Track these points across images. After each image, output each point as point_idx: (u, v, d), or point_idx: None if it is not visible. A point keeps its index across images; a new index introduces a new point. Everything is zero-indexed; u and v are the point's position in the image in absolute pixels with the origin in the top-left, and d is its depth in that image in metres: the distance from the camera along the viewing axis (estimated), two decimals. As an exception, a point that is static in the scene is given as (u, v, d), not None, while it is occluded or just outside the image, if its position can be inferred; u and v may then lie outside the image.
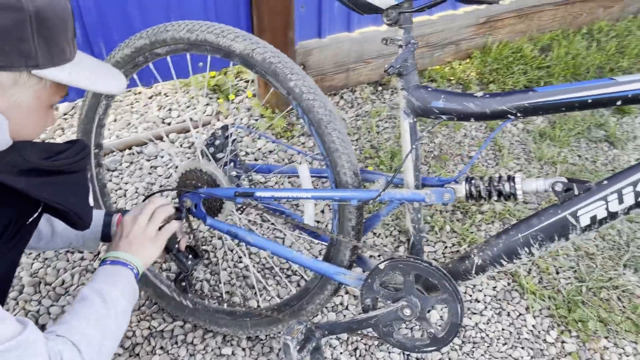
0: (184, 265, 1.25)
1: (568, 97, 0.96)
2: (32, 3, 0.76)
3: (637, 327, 1.56)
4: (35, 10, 0.77)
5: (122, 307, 0.94)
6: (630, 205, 0.97)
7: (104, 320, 0.90)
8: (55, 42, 0.80)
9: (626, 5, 2.86)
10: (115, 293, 0.94)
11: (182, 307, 1.50)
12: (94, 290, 0.93)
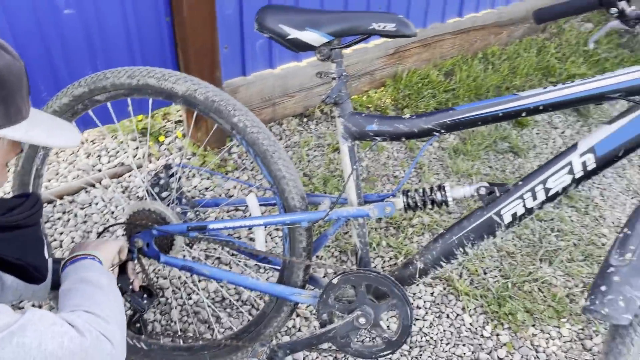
0: (140, 304, 1.26)
1: (482, 112, 1.11)
2: None
3: (558, 313, 1.75)
4: None
5: (105, 282, 0.95)
6: (542, 200, 1.12)
7: (98, 294, 0.91)
8: (13, 102, 0.82)
9: (512, 31, 3.22)
10: (92, 274, 0.96)
11: (137, 350, 1.49)
12: (72, 282, 0.94)
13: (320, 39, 1.13)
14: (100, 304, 0.89)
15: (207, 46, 1.95)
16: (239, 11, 2.03)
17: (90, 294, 0.91)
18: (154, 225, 1.29)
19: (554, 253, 1.96)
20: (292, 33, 1.12)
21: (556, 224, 2.08)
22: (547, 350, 1.64)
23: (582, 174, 1.09)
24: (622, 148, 1.06)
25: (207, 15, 1.88)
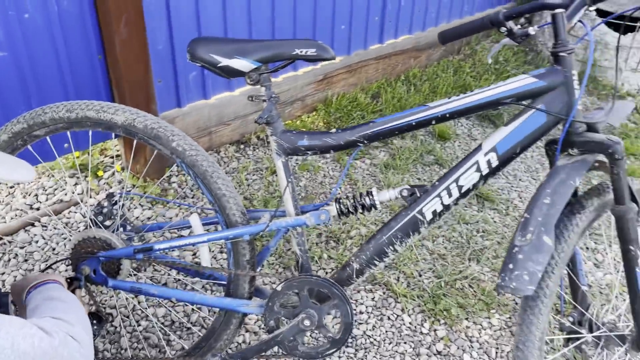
0: (90, 330, 1.30)
1: (398, 123, 1.25)
2: None
3: (487, 305, 1.90)
4: None
5: (70, 298, 1.01)
6: (457, 197, 1.27)
7: (63, 306, 0.97)
8: None
9: (430, 55, 3.48)
10: (56, 293, 1.01)
11: (89, 379, 1.50)
12: (38, 301, 0.99)
13: (249, 65, 1.24)
14: (65, 312, 0.95)
15: (141, 81, 2.01)
16: (170, 46, 2.12)
17: (55, 306, 0.96)
18: (100, 252, 1.34)
19: (480, 252, 2.13)
20: (222, 61, 1.23)
21: (481, 226, 2.26)
22: (480, 340, 1.79)
23: (488, 170, 1.25)
24: (519, 146, 1.24)
25: (140, 51, 1.96)
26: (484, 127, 3.03)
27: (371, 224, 2.20)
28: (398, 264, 2.02)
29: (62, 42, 1.82)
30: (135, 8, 1.87)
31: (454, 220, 2.27)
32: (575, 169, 1.18)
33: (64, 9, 1.78)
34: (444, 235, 2.20)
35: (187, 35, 2.13)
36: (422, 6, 3.26)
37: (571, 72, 1.20)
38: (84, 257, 1.34)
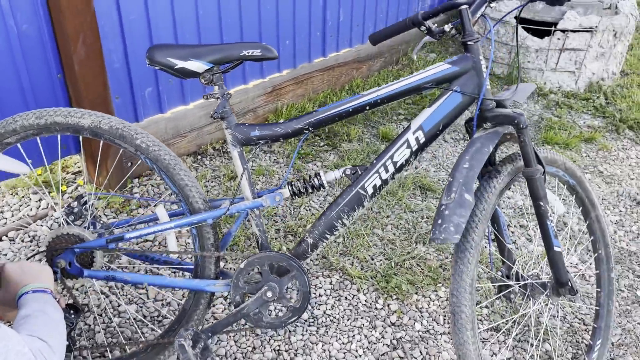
0: (69, 320, 1.40)
1: (338, 110, 1.44)
2: None
3: (433, 280, 2.10)
4: None
5: (58, 317, 1.10)
6: (392, 172, 1.46)
7: (51, 326, 1.06)
8: None
9: (370, 66, 3.72)
10: (49, 308, 1.11)
11: (67, 372, 1.59)
12: (32, 309, 1.08)
13: (202, 67, 1.40)
14: (52, 335, 1.03)
15: (100, 98, 2.14)
16: (126, 64, 2.25)
17: (45, 323, 1.05)
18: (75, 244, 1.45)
19: (426, 235, 2.33)
20: (178, 63, 1.38)
21: (425, 213, 2.47)
22: (429, 310, 1.97)
23: (417, 147, 1.45)
24: (441, 123, 1.44)
25: (97, 70, 2.09)
26: (424, 128, 3.27)
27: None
28: (352, 251, 2.20)
29: (23, 63, 1.93)
30: (92, 29, 2.00)
31: (401, 210, 2.47)
32: (488, 139, 1.39)
33: (24, 32, 1.90)
34: (392, 223, 2.39)
35: (141, 54, 2.27)
36: (359, 21, 3.51)
37: (479, 57, 1.42)
38: (60, 250, 1.45)
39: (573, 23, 3.52)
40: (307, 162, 2.80)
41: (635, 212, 2.68)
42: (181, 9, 2.37)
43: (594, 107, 3.67)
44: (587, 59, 3.65)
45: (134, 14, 2.20)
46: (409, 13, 3.99)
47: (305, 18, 3.06)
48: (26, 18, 1.89)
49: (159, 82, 2.41)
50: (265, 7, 2.78)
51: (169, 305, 1.89)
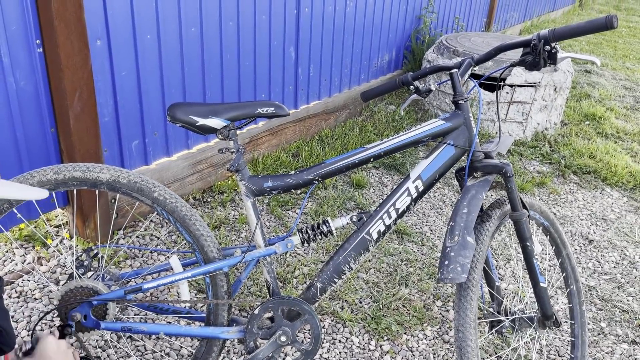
0: (84, 373, 1.41)
1: (344, 162, 1.57)
2: None
3: (419, 319, 2.21)
4: None
5: None
6: (395, 218, 1.59)
7: None
8: None
9: (337, 117, 3.92)
10: None
11: None
12: None
13: (221, 123, 1.50)
14: None
15: (91, 151, 2.17)
16: (115, 117, 2.31)
17: None
18: (93, 297, 1.47)
19: (407, 277, 2.46)
20: (199, 121, 1.48)
21: (404, 256, 2.61)
22: (419, 349, 2.07)
23: (417, 194, 1.59)
24: (437, 173, 1.59)
25: (91, 123, 2.13)
26: (391, 175, 3.46)
27: (311, 263, 2.46)
28: (340, 295, 2.28)
29: (19, 117, 1.96)
30: (88, 85, 2.06)
31: (381, 254, 2.60)
32: (481, 186, 1.56)
33: (22, 88, 1.93)
34: (374, 267, 2.51)
35: (130, 107, 2.34)
36: (327, 76, 3.71)
37: (469, 114, 1.60)
38: (75, 303, 1.46)
39: (519, 78, 3.88)
40: (286, 209, 2.90)
41: (588, 250, 2.92)
42: (169, 66, 2.46)
43: (541, 154, 4.00)
44: (533, 110, 4.01)
45: (125, 70, 2.27)
46: (370, 69, 4.25)
47: (279, 73, 3.23)
48: (24, 75, 1.93)
49: (145, 135, 2.47)
50: (244, 63, 2.92)
51: (168, 355, 1.90)
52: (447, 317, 2.25)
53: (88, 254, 1.61)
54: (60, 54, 1.91)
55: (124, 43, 2.22)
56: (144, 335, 1.95)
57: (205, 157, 2.81)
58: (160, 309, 1.67)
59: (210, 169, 2.87)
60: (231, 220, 2.72)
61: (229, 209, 2.82)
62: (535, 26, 8.78)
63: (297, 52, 3.33)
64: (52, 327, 1.91)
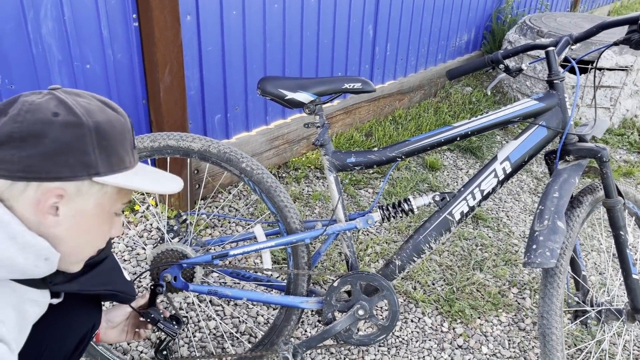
0: (172, 329, 1.48)
1: (430, 141, 1.55)
2: (91, 119, 0.86)
3: (494, 305, 2.17)
4: (94, 125, 0.86)
5: None
6: (479, 199, 1.56)
7: None
8: (114, 152, 0.89)
9: (411, 97, 3.86)
10: None
11: (160, 383, 1.67)
12: None
13: (308, 98, 1.52)
14: None
15: (178, 123, 2.26)
16: (201, 91, 2.39)
17: None
18: (183, 260, 1.55)
19: (482, 262, 2.41)
20: (288, 94, 1.50)
21: (478, 241, 2.56)
22: (493, 334, 2.04)
23: (503, 176, 1.55)
24: (527, 155, 1.54)
25: (179, 97, 2.22)
26: (466, 158, 3.38)
27: (383, 242, 2.46)
28: (413, 275, 2.28)
29: (115, 89, 2.06)
30: (177, 59, 2.14)
31: (455, 237, 2.56)
32: (574, 170, 1.49)
33: (118, 60, 2.04)
34: (448, 250, 2.47)
35: (214, 82, 2.41)
36: (404, 55, 3.66)
37: (564, 94, 1.53)
38: (167, 265, 1.54)
39: (609, 62, 3.65)
40: (359, 188, 2.90)
41: (679, 246, 2.75)
42: (251, 42, 2.51)
43: (628, 143, 3.77)
44: (622, 96, 3.77)
45: (211, 45, 2.34)
46: (447, 49, 4.14)
47: (356, 52, 3.21)
48: (121, 48, 2.03)
49: (227, 109, 2.54)
50: (323, 41, 2.93)
51: (245, 322, 1.97)
52: (524, 304, 2.19)
53: (177, 219, 1.69)
54: (154, 27, 1.99)
55: (211, 18, 2.28)
56: (223, 301, 2.04)
57: (282, 134, 2.86)
58: (242, 276, 1.73)
59: (286, 145, 2.92)
60: (305, 197, 2.76)
61: (303, 185, 2.86)
62: (625, 7, 8.23)
63: (375, 31, 3.30)
64: (143, 291, 2.03)
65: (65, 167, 0.83)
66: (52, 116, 0.82)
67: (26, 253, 0.83)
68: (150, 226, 2.35)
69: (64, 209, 0.86)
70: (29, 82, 1.80)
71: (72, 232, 0.89)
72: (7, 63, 1.72)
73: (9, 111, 0.82)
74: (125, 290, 1.19)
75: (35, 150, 0.81)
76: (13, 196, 0.83)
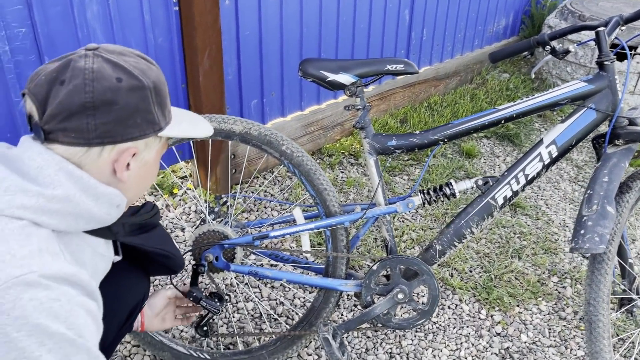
0: (214, 306, 1.51)
1: (473, 123, 1.52)
2: (148, 79, 0.91)
3: (534, 294, 2.13)
4: (152, 84, 0.91)
5: None
6: (523, 184, 1.52)
7: None
8: (165, 105, 0.97)
9: (447, 84, 3.80)
10: None
11: (200, 361, 1.70)
12: None
13: (350, 80, 1.51)
14: None
15: (216, 107, 2.28)
16: (238, 76, 2.40)
17: None
18: (224, 240, 1.56)
19: (520, 250, 2.37)
20: (330, 76, 1.49)
21: (517, 229, 2.51)
22: (533, 322, 2.01)
23: (549, 160, 1.51)
24: (574, 138, 1.50)
25: (217, 81, 2.23)
26: (503, 145, 3.31)
27: (419, 229, 2.44)
28: (450, 262, 2.25)
29: (155, 73, 2.09)
30: (217, 44, 2.15)
31: (493, 225, 2.52)
32: (624, 155, 1.45)
33: (159, 44, 2.06)
34: (485, 237, 2.44)
35: (251, 67, 2.41)
36: (440, 41, 3.60)
37: (614, 76, 1.48)
38: (209, 245, 1.56)
39: (655, 46, 3.52)
40: (394, 175, 2.88)
41: None
42: (288, 27, 2.50)
43: (674, 131, 3.64)
44: (668, 82, 3.64)
45: (249, 30, 2.34)
46: (484, 34, 4.06)
47: (392, 37, 3.17)
48: (162, 32, 2.05)
49: (263, 95, 2.55)
50: (359, 26, 2.90)
51: (282, 304, 1.99)
52: (564, 293, 2.15)
53: (218, 201, 1.71)
54: (194, 12, 2.00)
55: (249, 3, 2.28)
56: (261, 283, 2.06)
57: (316, 119, 2.85)
58: (280, 258, 1.75)
59: (320, 131, 2.92)
60: (339, 183, 2.76)
61: (337, 171, 2.86)
62: (670, -9, 7.90)
63: (412, 15, 3.25)
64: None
65: (136, 127, 0.90)
66: (116, 82, 0.87)
67: (100, 203, 0.91)
68: (189, 209, 2.38)
69: (134, 163, 0.94)
70: (74, 66, 1.83)
71: (138, 180, 0.97)
72: (54, 46, 1.75)
73: (66, 78, 0.85)
74: (178, 255, 1.22)
75: (109, 116, 0.87)
76: (89, 161, 0.89)
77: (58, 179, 0.85)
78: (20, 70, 1.71)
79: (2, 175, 0.84)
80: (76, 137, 0.86)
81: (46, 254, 0.81)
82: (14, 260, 0.77)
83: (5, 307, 0.73)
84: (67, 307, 0.79)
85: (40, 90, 0.85)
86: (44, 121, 0.86)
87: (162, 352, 1.71)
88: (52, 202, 0.85)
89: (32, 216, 0.83)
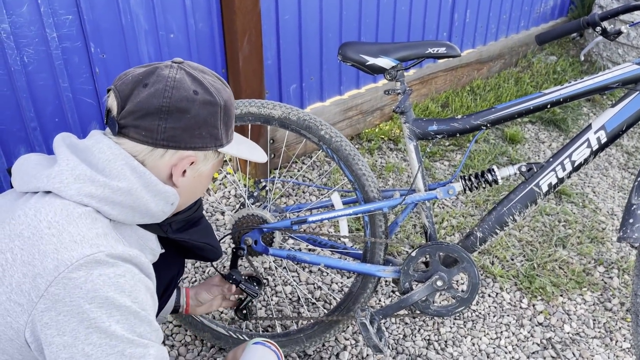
0: (253, 290, 1.53)
1: (518, 108, 1.47)
2: (221, 97, 0.99)
3: (578, 284, 2.07)
4: (224, 103, 1.00)
5: None
6: (570, 171, 1.47)
7: None
8: (230, 125, 1.05)
9: (491, 67, 3.70)
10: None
11: (240, 342, 1.73)
12: None
13: (390, 63, 1.48)
14: None
15: (256, 92, 2.29)
16: (277, 61, 2.40)
17: None
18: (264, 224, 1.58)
19: (565, 239, 2.30)
20: (369, 60, 1.47)
21: (562, 217, 2.44)
22: (577, 313, 1.95)
23: (598, 147, 1.45)
24: (625, 124, 1.43)
25: (257, 66, 2.24)
26: (549, 131, 3.21)
27: (459, 216, 2.40)
28: (491, 250, 2.21)
29: (197, 58, 2.11)
30: (256, 29, 2.15)
31: (536, 212, 2.45)
32: (678, 140, 1.37)
33: (200, 30, 2.08)
34: (528, 225, 2.38)
35: (290, 51, 2.41)
36: (484, 22, 3.50)
37: (670, 58, 1.40)
38: (248, 229, 1.58)
39: None
40: (434, 160, 2.84)
41: None
42: (328, 10, 2.48)
43: None
44: None
45: (288, 14, 2.33)
46: (531, 15, 3.92)
47: (434, 19, 3.10)
48: (202, 17, 2.07)
49: (302, 79, 2.54)
50: (400, 8, 2.85)
51: (320, 289, 2.00)
52: (610, 284, 2.08)
53: (257, 186, 1.72)
54: (234, -4, 2.01)
55: (288, -14, 2.27)
56: (299, 267, 2.07)
57: (356, 104, 2.83)
58: (319, 243, 1.75)
59: (359, 116, 2.89)
60: (378, 168, 2.74)
61: (376, 156, 2.84)
62: None
63: (455, -3, 3.17)
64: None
65: (200, 138, 0.98)
66: (193, 94, 0.95)
67: (157, 199, 0.97)
68: (229, 193, 2.42)
69: (190, 172, 1.01)
70: (118, 52, 1.87)
71: (189, 189, 1.05)
72: (99, 33, 1.80)
73: (150, 82, 0.94)
74: (218, 247, 1.27)
75: (179, 123, 0.95)
76: (151, 160, 0.96)
77: (124, 172, 0.93)
78: (67, 56, 1.76)
79: (73, 164, 0.91)
80: (145, 136, 0.94)
81: (110, 237, 0.90)
82: (85, 240, 0.85)
83: (78, 281, 0.82)
84: (132, 282, 0.87)
85: (124, 88, 0.94)
86: (121, 116, 0.94)
87: (202, 332, 1.75)
88: (116, 193, 0.92)
89: (96, 205, 0.91)
